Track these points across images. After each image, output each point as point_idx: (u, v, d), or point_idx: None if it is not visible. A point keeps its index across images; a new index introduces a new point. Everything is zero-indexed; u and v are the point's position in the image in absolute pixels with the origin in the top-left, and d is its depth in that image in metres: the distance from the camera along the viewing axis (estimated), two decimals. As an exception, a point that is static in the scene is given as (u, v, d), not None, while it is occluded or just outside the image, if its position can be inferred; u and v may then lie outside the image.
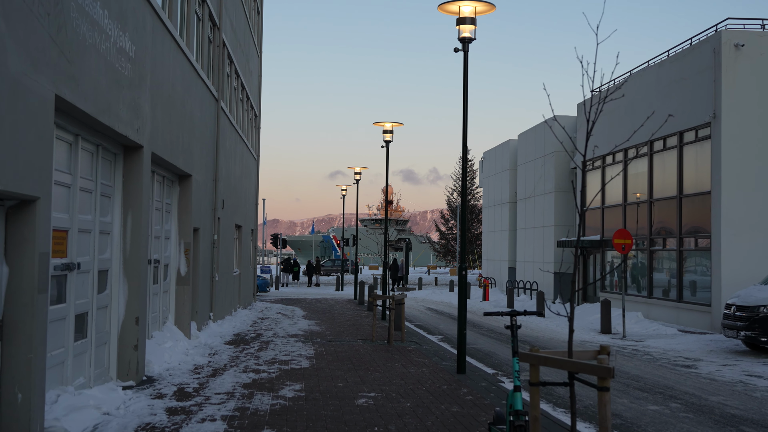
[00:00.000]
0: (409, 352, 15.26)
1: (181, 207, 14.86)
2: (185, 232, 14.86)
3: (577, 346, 17.84)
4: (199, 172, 15.77)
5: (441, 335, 19.95)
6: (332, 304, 30.56)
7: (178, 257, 14.78)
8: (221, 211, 19.25)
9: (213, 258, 17.96)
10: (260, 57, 30.08)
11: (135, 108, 10.26)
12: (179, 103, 13.49)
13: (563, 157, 34.46)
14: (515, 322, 7.26)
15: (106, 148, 10.07)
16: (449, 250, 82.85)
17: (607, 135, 28.66)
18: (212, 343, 15.35)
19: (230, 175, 21.08)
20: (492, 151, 45.99)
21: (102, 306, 10.14)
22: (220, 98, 18.12)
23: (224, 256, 20.23)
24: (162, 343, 12.92)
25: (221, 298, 19.68)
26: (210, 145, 17.38)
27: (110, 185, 10.44)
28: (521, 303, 31.17)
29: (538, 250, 36.32)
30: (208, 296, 17.57)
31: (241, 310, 24.50)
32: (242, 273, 25.30)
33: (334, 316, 24.33)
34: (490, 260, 46.22)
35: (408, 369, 12.82)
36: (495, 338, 19.30)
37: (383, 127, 23.56)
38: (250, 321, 21.38)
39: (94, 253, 9.68)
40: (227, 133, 20.16)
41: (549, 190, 34.96)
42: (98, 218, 9.80)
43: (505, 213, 42.75)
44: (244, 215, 25.49)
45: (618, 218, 27.81)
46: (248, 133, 26.59)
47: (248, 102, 26.19)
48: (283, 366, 12.79)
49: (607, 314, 20.76)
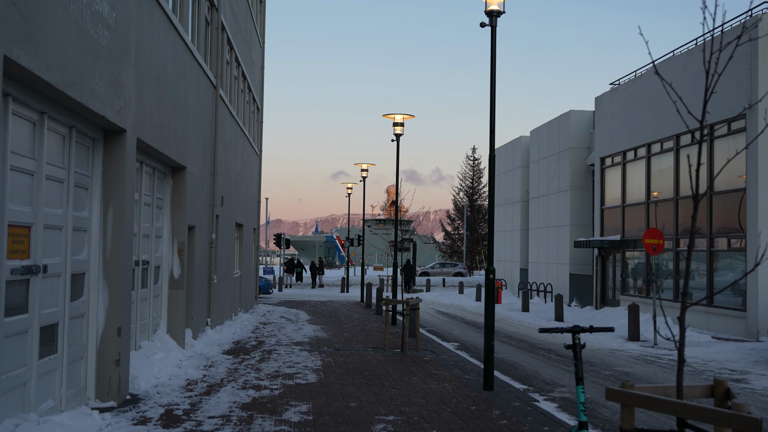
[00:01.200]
0: (425, 363, 13.82)
1: (174, 203, 13.43)
2: (179, 231, 13.43)
3: (607, 354, 16.25)
4: (194, 164, 14.34)
5: (457, 342, 18.50)
6: (338, 307, 29.13)
7: (171, 258, 13.35)
8: (220, 208, 17.82)
9: (211, 259, 16.53)
10: (263, 48, 28.65)
11: (115, 85, 8.83)
12: (171, 85, 12.06)
13: (579, 154, 32.98)
14: (578, 341, 5.82)
15: (82, 132, 8.65)
16: (455, 250, 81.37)
17: (627, 130, 27.21)
18: (209, 353, 13.91)
19: (230, 169, 19.65)
20: (502, 149, 44.50)
21: (77, 315, 8.71)
22: (218, 86, 16.69)
23: (223, 256, 18.80)
24: (151, 354, 11.49)
25: (220, 301, 18.25)
26: (207, 136, 15.95)
27: (87, 175, 9.01)
28: (536, 306, 29.69)
29: (552, 251, 34.84)
30: (205, 300, 16.14)
31: (242, 314, 23.07)
32: (243, 274, 23.87)
33: (340, 320, 22.89)
34: (499, 261, 44.71)
35: (428, 384, 11.37)
36: (516, 345, 17.84)
37: (393, 120, 22.14)
38: (252, 326, 19.95)
39: (66, 254, 8.25)
40: (227, 124, 18.74)
41: (564, 188, 33.48)
42: (71, 213, 8.37)
43: (516, 212, 41.26)
44: (245, 213, 24.06)
45: (640, 217, 26.32)
46: (250, 127, 25.16)
47: (250, 93, 24.76)
48: (288, 381, 11.34)
49: (635, 320, 19.29)
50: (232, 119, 19.82)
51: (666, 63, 24.83)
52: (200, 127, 15.03)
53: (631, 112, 26.92)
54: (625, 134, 27.27)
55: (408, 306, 15.31)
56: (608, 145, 28.69)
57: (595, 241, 27.90)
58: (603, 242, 27.57)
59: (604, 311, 24.96)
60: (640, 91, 26.30)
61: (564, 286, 33.11)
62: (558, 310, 24.92)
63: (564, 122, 33.70)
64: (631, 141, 26.85)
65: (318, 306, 29.33)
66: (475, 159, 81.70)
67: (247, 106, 24.27)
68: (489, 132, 11.35)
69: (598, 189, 29.54)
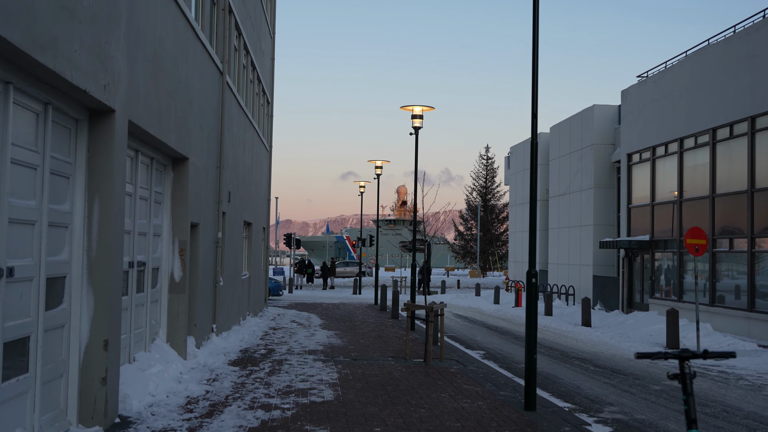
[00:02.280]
0: (453, 375, 12.45)
1: (175, 197, 12.11)
2: (180, 229, 12.10)
3: (648, 364, 14.17)
4: (198, 155, 13.02)
5: (482, 350, 17.12)
6: (351, 310, 27.78)
7: (171, 259, 12.03)
8: (227, 204, 16.50)
9: (216, 259, 15.21)
10: (273, 39, 27.34)
11: (101, 56, 7.51)
12: (170, 65, 10.74)
13: (603, 150, 31.53)
14: (689, 370, 4.46)
15: (61, 110, 7.33)
16: (468, 251, 79.88)
17: (657, 124, 25.77)
18: (213, 364, 12.57)
19: (238, 164, 18.33)
20: (520, 146, 43.07)
21: (55, 326, 7.39)
22: (225, 72, 15.36)
23: (231, 257, 17.49)
24: (147, 367, 10.17)
25: (227, 306, 16.93)
26: (213, 126, 14.63)
27: (69, 162, 7.69)
28: (559, 310, 28.27)
29: (574, 252, 33.38)
30: (210, 305, 14.82)
31: (251, 318, 21.75)
32: (252, 276, 22.55)
33: (355, 325, 21.55)
34: (517, 262, 43.28)
35: (460, 402, 10.01)
36: (547, 354, 16.44)
37: (411, 112, 20.83)
38: (261, 332, 18.62)
39: (40, 254, 6.94)
40: (234, 114, 17.42)
41: (587, 186, 32.03)
42: (47, 205, 7.05)
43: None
44: (255, 211, 22.75)
45: (671, 216, 24.85)
46: (259, 120, 23.85)
47: (259, 85, 23.45)
48: (301, 398, 10.00)
49: (674, 326, 17.85)
50: (240, 110, 18.51)
51: (701, 53, 23.37)
52: (205, 116, 13.72)
53: (661, 105, 25.46)
54: (655, 129, 25.82)
55: (432, 312, 13.94)
56: (636, 140, 27.23)
57: (623, 242, 26.44)
58: (631, 243, 26.10)
59: (634, 316, 23.51)
60: (671, 83, 24.85)
61: (587, 288, 31.66)
62: (585, 314, 23.50)
63: (587, 117, 32.25)
64: (661, 136, 25.39)
65: (330, 309, 28.00)
66: (488, 158, 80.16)
67: (256, 98, 22.97)
68: (531, 116, 10.00)
69: (625, 187, 28.06)
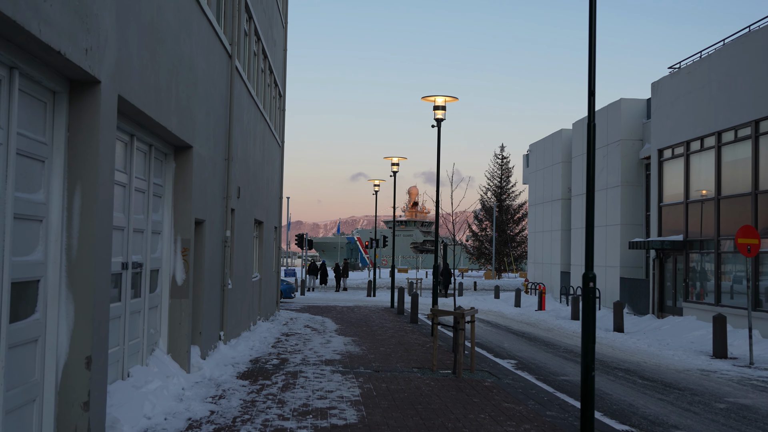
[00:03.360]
0: (488, 390, 11.08)
1: (177, 191, 10.80)
2: (183, 226, 10.79)
3: (700, 377, 11.65)
4: (203, 144, 11.71)
5: (512, 359, 15.73)
6: (367, 313, 26.42)
7: (173, 259, 10.72)
8: (236, 201, 15.19)
9: (225, 260, 13.89)
10: (285, 29, 26.04)
11: (80, 11, 6.19)
12: (171, 39, 9.42)
13: (631, 147, 30.04)
14: None
15: (32, 78, 6.02)
16: (483, 252, 78.41)
17: (692, 117, 24.27)
18: (220, 378, 11.24)
19: (248, 157, 17.02)
20: (540, 143, 41.60)
21: (24, 341, 6.08)
22: (234, 55, 14.04)
23: (240, 257, 16.18)
24: (143, 384, 8.85)
25: (236, 311, 15.61)
26: (221, 113, 13.32)
27: (43, 142, 6.38)
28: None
29: (599, 253, 31.89)
30: (217, 310, 13.50)
31: (262, 322, 20.44)
32: (263, 278, 21.24)
33: (373, 330, 20.20)
34: (537, 263, 41.82)
35: (504, 427, 8.63)
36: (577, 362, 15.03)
37: (434, 103, 19.43)
38: (273, 338, 17.29)
39: (2, 253, 5.62)
40: (244, 103, 16.11)
41: (614, 184, 30.55)
42: (11, 193, 5.73)
43: (556, 211, 38.36)
44: (266, 209, 21.44)
45: (708, 215, 23.35)
46: (271, 113, 22.55)
47: (271, 76, 22.14)
48: (320, 421, 8.65)
49: (721, 333, 16.39)
50: (250, 100, 17.20)
51: (742, 40, 21.88)
52: (211, 102, 12.40)
53: (696, 97, 23.98)
54: (689, 122, 24.33)
55: (463, 318, 12.56)
56: (668, 135, 25.74)
57: (655, 242, 24.94)
58: (664, 243, 24.60)
59: (670, 321, 22.04)
60: (708, 73, 23.36)
61: (613, 291, 30.18)
62: (617, 319, 22.05)
63: (614, 112, 30.78)
64: (696, 130, 23.91)
65: (345, 312, 26.65)
66: (503, 157, 78.61)
67: (268, 89, 21.67)
68: (588, 93, 8.59)
69: (655, 184, 26.56)
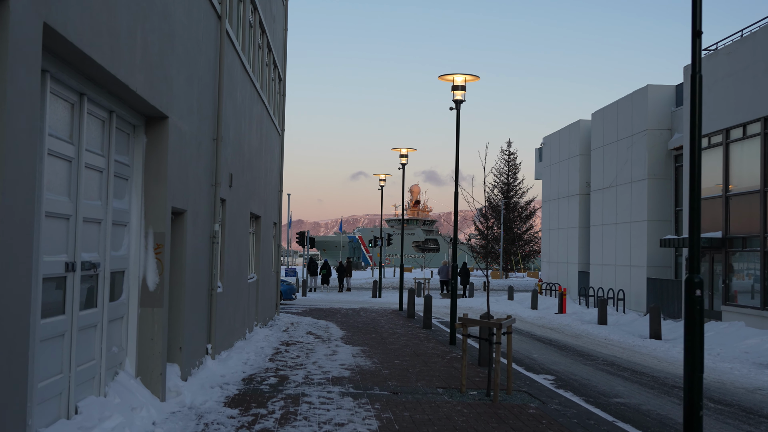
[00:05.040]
0: (536, 421, 8.89)
1: (149, 173, 8.62)
2: (156, 217, 8.61)
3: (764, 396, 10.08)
4: (184, 117, 9.52)
5: (548, 374, 13.55)
6: (374, 317, 24.24)
7: (143, 259, 8.53)
8: (228, 190, 13.02)
9: (213, 259, 11.70)
10: (286, 6, 23.85)
11: None
12: (136, -30, 7.23)
13: (658, 137, 27.83)
14: None
15: None
16: (489, 251, 76.14)
17: (732, 102, 22.07)
18: (203, 406, 9.04)
19: (243, 141, 14.85)
20: (554, 136, 39.38)
21: None
22: (224, 17, 11.85)
23: (233, 256, 14.00)
24: (95, 423, 6.67)
25: (227, 318, 13.43)
26: (207, 82, 11.12)
27: None
28: (613, 318, 24.60)
29: (623, 251, 29.69)
30: (203, 319, 11.32)
31: (260, 329, 18.27)
32: (261, 279, 19.06)
33: (383, 337, 18.03)
34: (551, 263, 39.61)
35: (576, 482, 6.44)
36: (636, 381, 12.84)
37: (452, 83, 17.27)
38: (271, 349, 15.10)
39: None
40: (237, 77, 13.92)
41: (639, 177, 28.34)
42: None
43: (573, 207, 36.14)
44: (264, 203, 19.26)
45: (752, 209, 21.15)
46: (270, 96, 20.37)
47: (270, 55, 19.95)
48: (330, 474, 6.46)
49: (788, 344, 14.20)
50: (245, 75, 15.02)
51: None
52: (195, 66, 10.21)
53: (738, 79, 21.77)
54: (729, 107, 22.13)
55: (499, 329, 10.36)
56: (703, 122, 23.53)
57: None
58: (701, 240, 22.37)
59: (713, 327, 19.85)
60: (752, 53, 21.16)
61: (639, 293, 27.99)
62: (654, 324, 19.85)
63: (639, 100, 28.57)
64: (738, 115, 21.70)
65: (350, 316, 24.47)
66: (510, 153, 76.39)
67: (266, 69, 19.49)
68: (691, 34, 6.42)
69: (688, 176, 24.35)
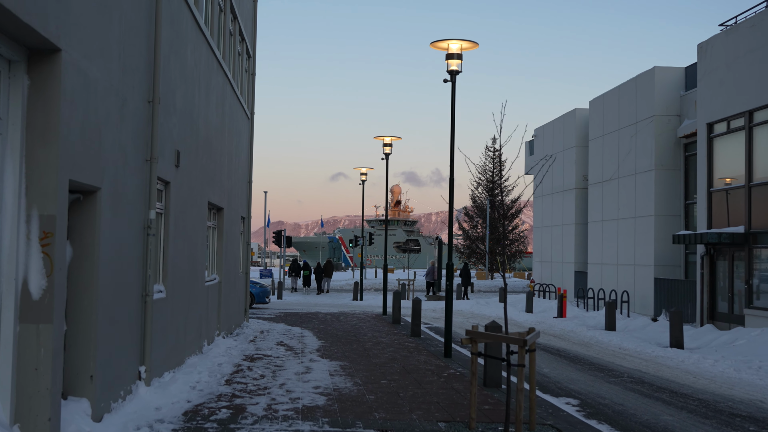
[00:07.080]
0: (583, 478, 6.35)
1: (32, 130, 5.99)
2: (42, 193, 5.98)
3: None
4: (92, 57, 6.89)
5: (571, 397, 11.03)
6: (356, 323, 21.67)
7: (24, 253, 5.90)
8: (173, 170, 10.38)
9: (146, 256, 9.06)
10: (255, -25, 21.22)
11: None
12: None
13: (666, 124, 25.49)
14: None
15: None
16: (474, 251, 73.78)
17: (757, 81, 19.72)
18: (115, 461, 6.42)
19: (196, 114, 12.21)
20: (547, 127, 37.00)
21: None
22: (164, -54, 9.22)
23: (182, 252, 11.36)
24: None
25: (172, 330, 10.78)
26: (137, 24, 8.47)
27: None
28: (622, 323, 22.17)
29: (626, 249, 27.32)
30: (133, 334, 8.67)
31: (222, 339, 15.63)
32: (225, 281, 16.42)
33: (366, 348, 15.48)
34: (544, 262, 37.23)
35: None
36: (667, 402, 10.37)
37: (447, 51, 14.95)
38: (231, 366, 12.45)
39: None
40: (188, 34, 11.29)
41: (645, 168, 25.98)
42: None
43: (569, 202, 33.76)
44: (228, 193, 16.62)
45: (781, 200, 18.81)
46: (235, 72, 17.73)
47: (235, 24, 17.32)
48: None
49: None
50: (200, 36, 12.39)
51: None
52: (115, -3, 7.58)
53: (763, 55, 19.44)
54: (753, 87, 19.78)
55: (523, 347, 7.79)
56: (721, 105, 21.18)
57: (710, 235, 20.32)
58: (721, 236, 20.01)
59: (741, 334, 17.45)
60: (778, 26, 18.83)
61: (645, 294, 25.63)
62: (675, 331, 17.41)
63: (645, 84, 26.20)
64: (763, 96, 19.36)
65: (329, 322, 21.86)
66: (495, 150, 74.05)
67: (231, 39, 16.87)
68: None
69: (703, 166, 21.98)
